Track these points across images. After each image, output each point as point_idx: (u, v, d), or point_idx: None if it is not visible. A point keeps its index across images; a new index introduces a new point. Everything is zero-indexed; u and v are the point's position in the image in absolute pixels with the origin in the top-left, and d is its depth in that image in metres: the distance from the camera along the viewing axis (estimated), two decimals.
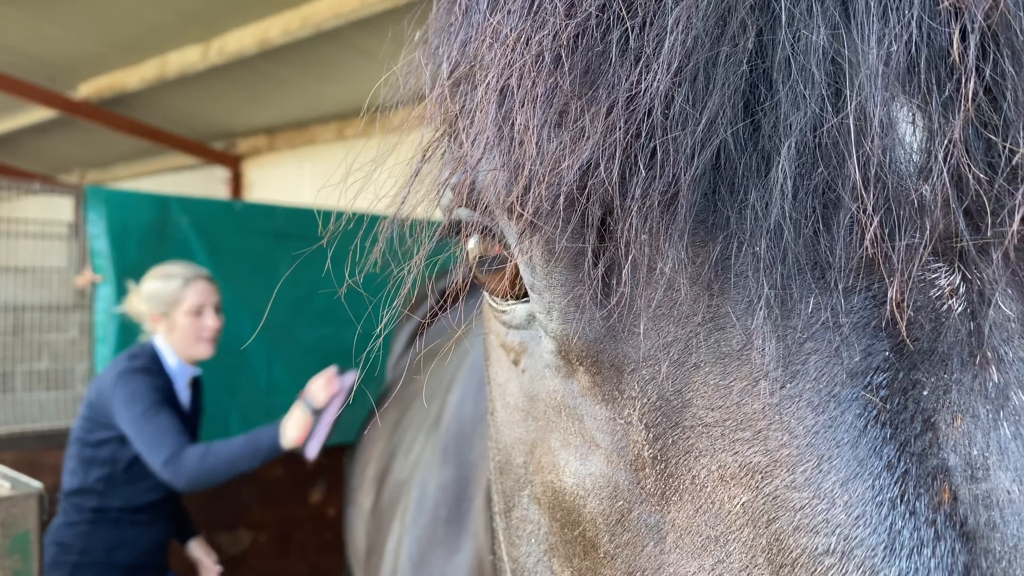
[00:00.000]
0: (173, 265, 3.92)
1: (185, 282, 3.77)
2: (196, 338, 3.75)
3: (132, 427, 3.43)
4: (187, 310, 3.73)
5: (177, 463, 3.34)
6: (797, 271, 0.59)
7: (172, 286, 3.76)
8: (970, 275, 0.58)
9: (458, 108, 0.77)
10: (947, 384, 0.58)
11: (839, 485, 0.57)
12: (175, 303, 3.74)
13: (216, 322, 3.81)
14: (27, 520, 2.27)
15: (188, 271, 3.85)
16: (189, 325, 3.74)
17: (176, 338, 3.75)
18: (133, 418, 3.46)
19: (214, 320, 3.80)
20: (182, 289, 3.75)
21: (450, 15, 0.81)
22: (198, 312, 3.76)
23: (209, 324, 3.78)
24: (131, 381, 3.53)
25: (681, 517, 0.65)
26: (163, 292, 3.76)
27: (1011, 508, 0.55)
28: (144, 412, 3.45)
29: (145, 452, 3.38)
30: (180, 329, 3.73)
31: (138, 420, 3.45)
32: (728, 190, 0.61)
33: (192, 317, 3.74)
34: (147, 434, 3.41)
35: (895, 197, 0.57)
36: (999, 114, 0.57)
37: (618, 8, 0.62)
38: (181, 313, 3.73)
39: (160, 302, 3.74)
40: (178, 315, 3.73)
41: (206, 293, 3.81)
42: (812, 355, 0.60)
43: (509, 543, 0.92)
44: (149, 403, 3.47)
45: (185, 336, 3.74)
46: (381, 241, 0.84)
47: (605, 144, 0.61)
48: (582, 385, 0.74)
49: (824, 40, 0.59)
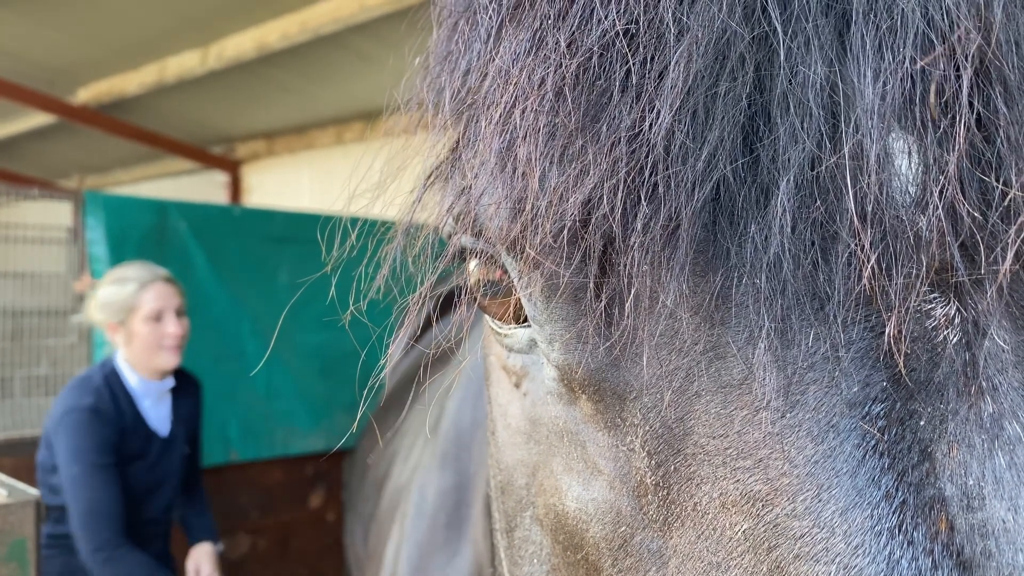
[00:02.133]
0: (128, 267, 3.54)
1: (140, 286, 3.38)
2: (156, 347, 3.37)
3: (69, 489, 3.11)
4: (145, 316, 3.34)
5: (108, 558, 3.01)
6: (796, 303, 0.60)
7: (126, 291, 3.37)
8: (965, 307, 0.60)
9: (461, 137, 0.78)
10: (943, 414, 0.59)
11: (838, 514, 0.58)
12: (131, 309, 3.35)
13: (178, 328, 3.40)
14: (24, 527, 2.28)
15: (144, 273, 3.45)
16: (148, 333, 3.35)
17: (135, 350, 3.38)
18: (71, 479, 3.11)
19: (176, 326, 3.39)
20: (137, 294, 3.36)
21: (451, 43, 0.81)
22: (157, 318, 3.37)
23: (170, 331, 3.38)
24: (76, 430, 3.16)
25: (683, 543, 0.66)
26: (117, 298, 3.37)
27: (1006, 537, 0.56)
28: (83, 477, 3.10)
29: (76, 527, 3.07)
30: (139, 338, 3.36)
31: (75, 484, 3.10)
32: (728, 223, 0.62)
33: (151, 324, 3.35)
34: (81, 508, 3.08)
35: (892, 232, 0.58)
36: (993, 151, 0.58)
37: (620, 45, 0.64)
38: (139, 320, 3.35)
39: (115, 310, 3.37)
40: (135, 323, 3.35)
41: (165, 296, 3.41)
42: (812, 386, 0.61)
43: (511, 562, 0.93)
44: (90, 467, 3.11)
45: (144, 346, 3.37)
46: (385, 267, 0.85)
47: (607, 179, 0.62)
48: (584, 412, 0.75)
49: (821, 75, 0.60)
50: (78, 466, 3.10)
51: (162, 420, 3.52)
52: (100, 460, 3.14)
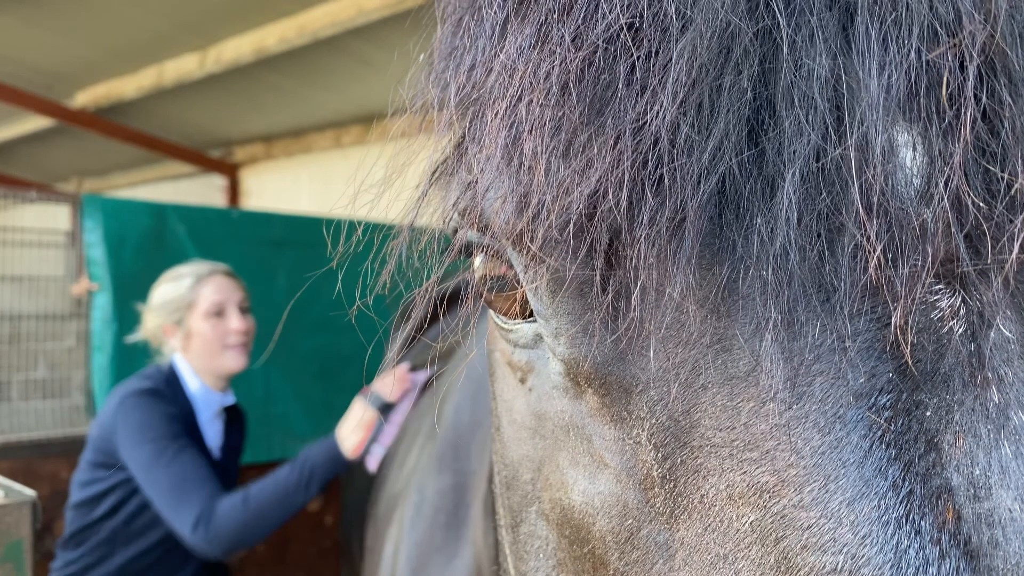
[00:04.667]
0: (185, 265, 3.18)
1: (197, 279, 3.04)
2: (220, 346, 3.01)
3: (144, 474, 2.69)
4: (205, 312, 3.00)
5: (211, 522, 2.56)
6: (803, 295, 0.61)
7: (183, 287, 3.03)
8: (971, 298, 0.60)
9: (466, 133, 0.79)
10: (949, 405, 0.59)
11: (846, 505, 0.58)
12: (189, 306, 3.00)
13: (243, 324, 3.04)
14: (20, 528, 2.27)
15: (201, 267, 3.12)
16: (209, 331, 2.99)
17: (196, 352, 3.00)
18: (144, 462, 2.69)
19: (240, 321, 3.03)
20: (195, 288, 3.02)
21: (455, 39, 0.82)
22: (218, 313, 3.02)
23: (234, 327, 3.02)
24: (137, 409, 2.78)
25: (690, 535, 0.66)
26: (173, 296, 3.03)
27: (1013, 526, 0.57)
28: (157, 453, 2.68)
29: (166, 511, 2.64)
30: (199, 338, 2.99)
31: (151, 464, 2.67)
32: (734, 216, 0.63)
33: (211, 320, 3.00)
34: (164, 485, 2.64)
35: (897, 223, 0.58)
36: (998, 142, 0.58)
37: (624, 39, 0.64)
38: (197, 317, 2.99)
39: (171, 309, 3.02)
40: (194, 320, 3.00)
41: (226, 289, 3.06)
42: (818, 377, 0.61)
43: (517, 557, 0.93)
44: (163, 440, 2.71)
45: (206, 346, 2.99)
46: (390, 263, 0.85)
47: (613, 172, 0.63)
48: (591, 406, 0.75)
49: (826, 68, 0.60)
50: (151, 445, 2.70)
51: (216, 442, 3.15)
52: (172, 432, 2.74)
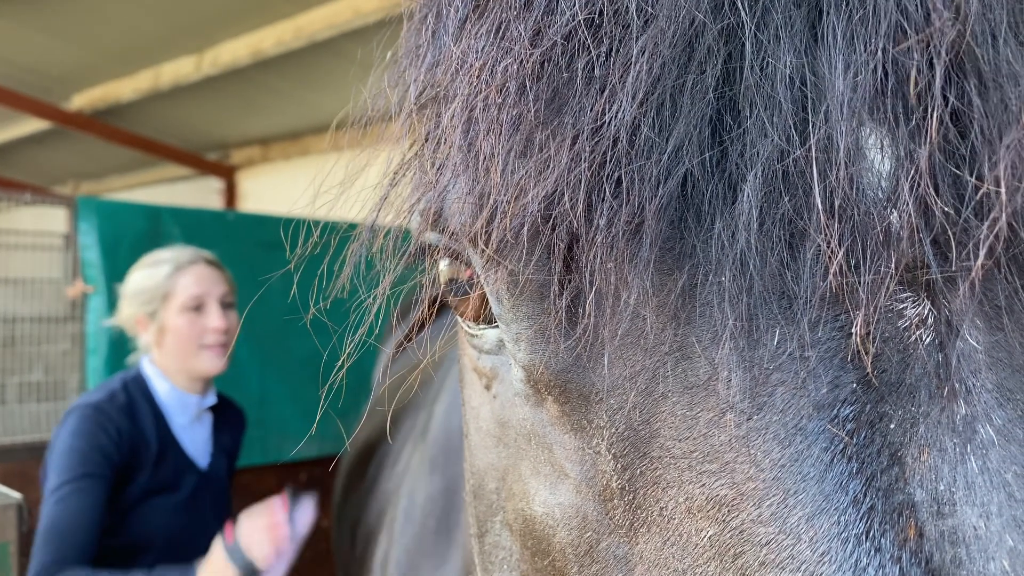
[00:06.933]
0: (166, 250, 2.75)
1: (176, 267, 2.62)
2: (196, 345, 2.59)
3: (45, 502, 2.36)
4: (181, 306, 2.57)
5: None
6: (763, 302, 0.59)
7: (159, 274, 2.61)
8: (937, 306, 0.58)
9: (425, 132, 0.77)
10: (914, 417, 0.57)
11: (805, 520, 0.56)
12: (164, 297, 2.58)
13: (223, 322, 2.62)
14: (5, 532, 2.25)
15: (183, 254, 2.68)
16: (185, 327, 2.56)
17: (168, 349, 2.60)
18: (46, 490, 2.38)
19: (220, 319, 2.61)
20: (173, 277, 2.60)
21: (419, 37, 0.80)
22: (197, 307, 2.60)
23: (213, 324, 2.60)
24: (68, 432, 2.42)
25: (649, 549, 0.64)
26: (148, 284, 2.61)
27: (977, 544, 0.54)
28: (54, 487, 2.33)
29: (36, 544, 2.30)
30: (173, 334, 2.57)
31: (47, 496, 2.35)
32: (695, 219, 0.61)
33: (188, 315, 2.57)
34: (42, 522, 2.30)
35: (861, 228, 0.56)
36: (967, 145, 0.56)
37: (583, 37, 0.62)
38: (173, 311, 2.57)
39: (145, 299, 2.61)
40: (169, 314, 2.58)
41: (208, 281, 2.63)
42: (778, 387, 0.59)
43: (483, 568, 0.91)
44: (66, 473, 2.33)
45: (180, 344, 2.57)
46: (349, 266, 0.83)
47: (570, 173, 0.61)
48: (551, 414, 0.73)
49: (791, 67, 0.58)
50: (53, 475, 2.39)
51: (200, 447, 2.76)
52: (86, 467, 2.38)
